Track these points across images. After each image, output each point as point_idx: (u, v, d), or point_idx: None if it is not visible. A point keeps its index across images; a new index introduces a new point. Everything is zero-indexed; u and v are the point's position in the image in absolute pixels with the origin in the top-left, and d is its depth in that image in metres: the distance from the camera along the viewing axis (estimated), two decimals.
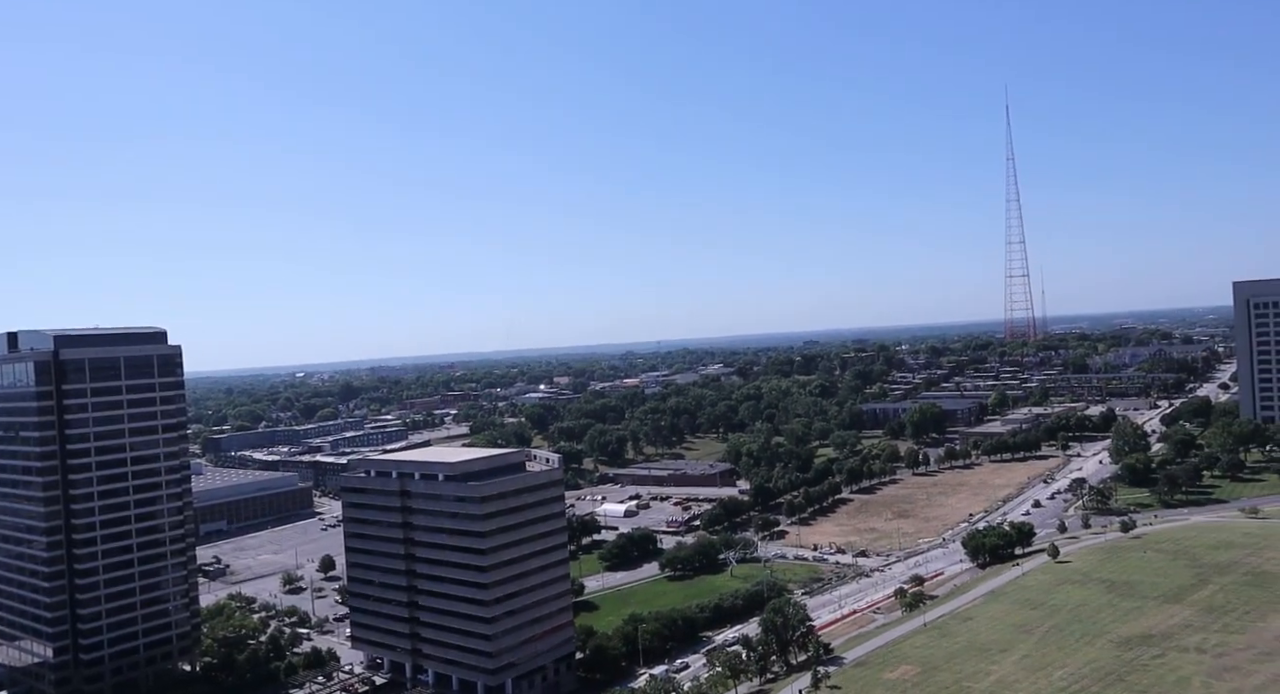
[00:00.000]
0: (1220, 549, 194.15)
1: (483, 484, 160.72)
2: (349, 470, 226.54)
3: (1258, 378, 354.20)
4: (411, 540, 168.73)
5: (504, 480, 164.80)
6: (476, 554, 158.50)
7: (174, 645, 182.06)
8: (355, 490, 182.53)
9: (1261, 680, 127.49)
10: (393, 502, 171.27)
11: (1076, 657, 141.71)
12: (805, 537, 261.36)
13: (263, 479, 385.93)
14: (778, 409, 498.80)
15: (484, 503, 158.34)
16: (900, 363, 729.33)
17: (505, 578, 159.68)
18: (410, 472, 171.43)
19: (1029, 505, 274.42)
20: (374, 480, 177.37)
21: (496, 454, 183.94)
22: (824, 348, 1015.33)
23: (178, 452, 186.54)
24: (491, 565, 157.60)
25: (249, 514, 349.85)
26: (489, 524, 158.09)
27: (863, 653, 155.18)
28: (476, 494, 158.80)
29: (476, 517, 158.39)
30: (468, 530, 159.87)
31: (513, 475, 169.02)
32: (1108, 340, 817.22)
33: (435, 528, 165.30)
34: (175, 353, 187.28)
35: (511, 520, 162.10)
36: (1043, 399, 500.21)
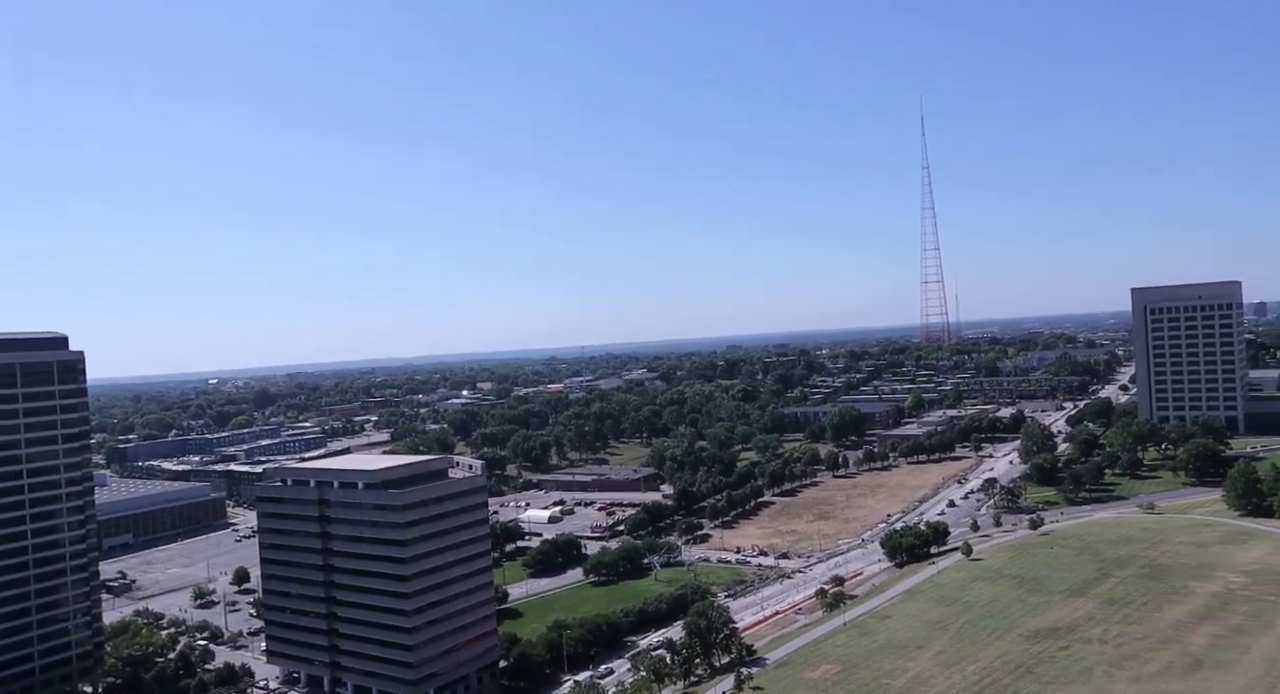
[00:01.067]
0: (1120, 544, 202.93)
1: (404, 492, 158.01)
2: (265, 479, 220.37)
3: (1154, 380, 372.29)
4: (330, 550, 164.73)
5: (426, 488, 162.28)
6: (398, 563, 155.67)
7: (74, 666, 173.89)
8: (271, 500, 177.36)
9: (1157, 668, 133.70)
10: (311, 511, 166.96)
11: (989, 651, 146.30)
12: (728, 539, 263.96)
13: (172, 490, 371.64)
14: (701, 413, 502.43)
15: (405, 511, 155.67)
16: (821, 367, 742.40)
17: (427, 587, 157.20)
18: (329, 480, 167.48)
19: (944, 505, 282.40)
20: (291, 489, 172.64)
21: (418, 461, 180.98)
22: (747, 352, 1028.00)
23: (79, 462, 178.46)
24: (413, 574, 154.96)
25: (157, 526, 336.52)
26: (410, 532, 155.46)
27: (785, 653, 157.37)
28: (397, 502, 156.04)
29: (398, 525, 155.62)
30: (389, 539, 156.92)
31: (435, 483, 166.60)
32: (1017, 345, 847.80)
33: (355, 537, 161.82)
34: (77, 359, 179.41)
35: (433, 528, 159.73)
36: (957, 402, 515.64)
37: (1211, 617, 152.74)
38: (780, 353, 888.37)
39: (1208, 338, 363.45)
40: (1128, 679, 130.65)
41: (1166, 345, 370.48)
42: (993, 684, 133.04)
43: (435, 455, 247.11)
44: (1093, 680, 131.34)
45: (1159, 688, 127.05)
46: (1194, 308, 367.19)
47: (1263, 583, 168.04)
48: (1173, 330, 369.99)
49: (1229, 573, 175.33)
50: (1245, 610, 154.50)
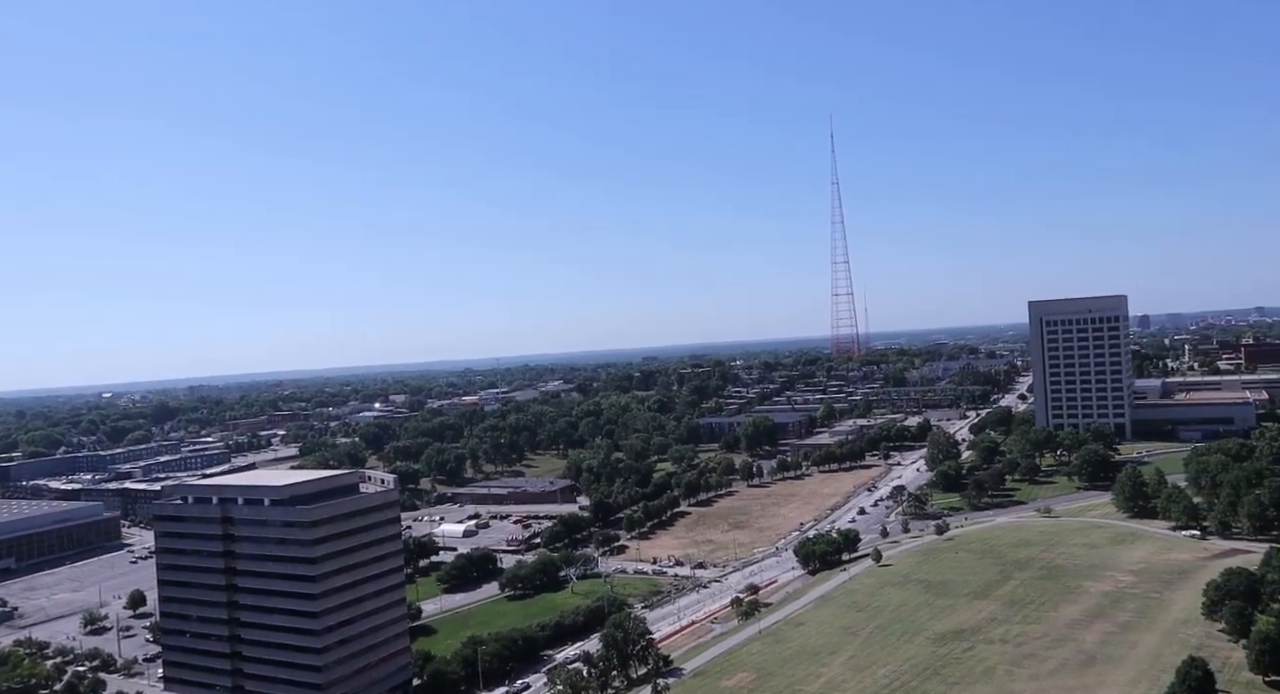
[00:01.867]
0: (1020, 547, 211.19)
1: (313, 508, 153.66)
2: (163, 497, 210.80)
3: (1049, 389, 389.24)
4: (234, 570, 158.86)
5: (336, 503, 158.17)
6: (306, 582, 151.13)
7: None
8: (170, 518, 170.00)
9: (1054, 665, 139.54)
10: (213, 529, 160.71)
11: (898, 654, 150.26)
12: (645, 550, 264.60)
13: (60, 510, 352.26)
14: (617, 425, 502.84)
15: (314, 528, 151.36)
16: (735, 378, 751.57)
17: (337, 605, 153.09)
18: (233, 496, 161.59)
19: (855, 513, 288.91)
20: (192, 507, 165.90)
21: (328, 476, 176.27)
22: (663, 364, 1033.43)
23: None
24: (322, 593, 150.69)
25: (44, 549, 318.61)
26: (319, 549, 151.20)
27: (701, 663, 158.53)
28: (306, 518, 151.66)
29: (306, 542, 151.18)
30: (297, 557, 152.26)
31: (345, 498, 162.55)
32: (924, 355, 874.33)
33: (261, 555, 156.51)
34: None
35: (344, 545, 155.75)
36: (866, 411, 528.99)
37: (1103, 615, 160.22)
38: (696, 364, 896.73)
39: (1098, 349, 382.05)
40: (1027, 677, 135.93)
41: (1061, 356, 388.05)
42: (901, 687, 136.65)
43: (346, 470, 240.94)
44: (995, 680, 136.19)
45: (1056, 684, 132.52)
46: (1085, 320, 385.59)
47: (1148, 581, 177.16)
48: (1066, 341, 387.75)
49: (1118, 572, 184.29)
50: (1133, 607, 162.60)
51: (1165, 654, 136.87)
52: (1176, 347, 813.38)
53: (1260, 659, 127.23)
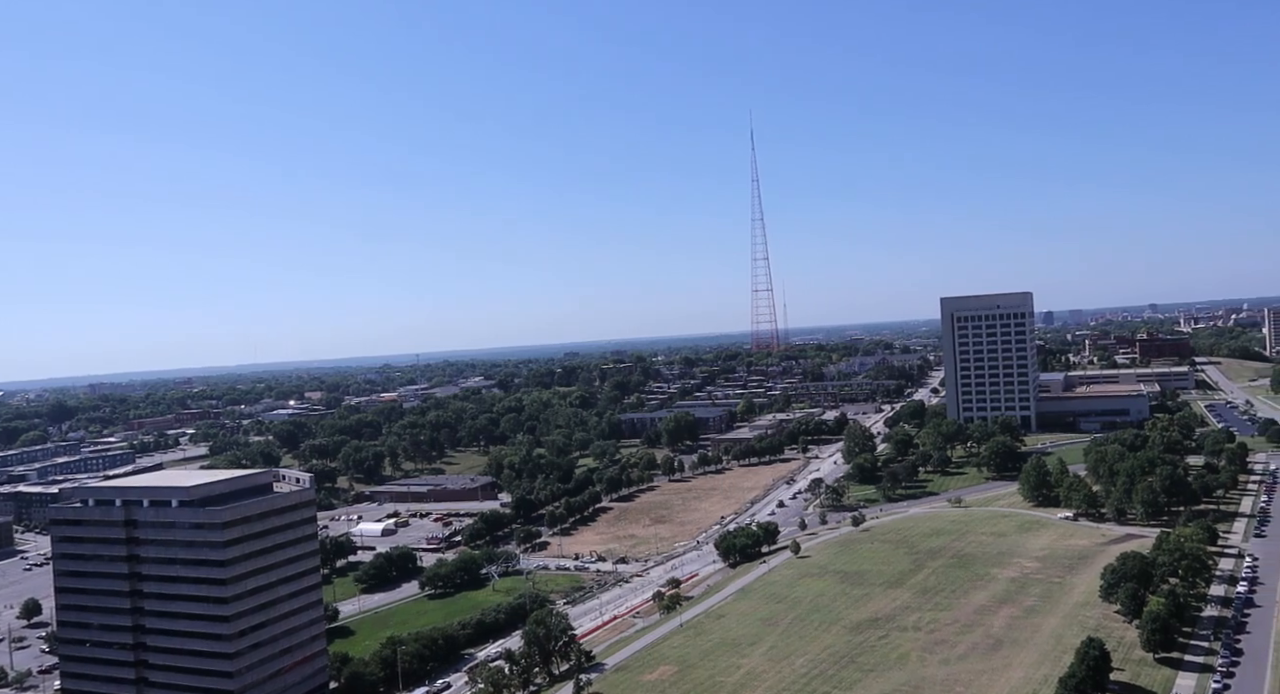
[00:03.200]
0: (933, 536, 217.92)
1: (224, 509, 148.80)
2: (61, 500, 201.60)
3: (960, 383, 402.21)
4: (139, 575, 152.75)
5: (248, 504, 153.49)
6: (217, 586, 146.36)
7: None
8: (69, 522, 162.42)
9: (964, 649, 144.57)
10: (116, 533, 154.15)
11: (815, 644, 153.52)
12: (567, 546, 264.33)
13: None
14: (539, 421, 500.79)
15: (225, 529, 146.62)
16: (657, 373, 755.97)
17: (249, 609, 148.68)
18: (137, 499, 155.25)
19: (774, 506, 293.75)
20: (93, 510, 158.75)
21: (240, 476, 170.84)
22: (584, 359, 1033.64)
23: None
24: (234, 596, 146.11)
25: None
26: (231, 552, 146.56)
27: (624, 657, 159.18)
28: (216, 520, 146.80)
29: (217, 544, 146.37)
30: (207, 560, 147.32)
31: (258, 498, 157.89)
32: (841, 351, 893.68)
33: (168, 559, 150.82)
34: None
35: (257, 546, 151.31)
36: (785, 406, 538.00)
37: (1010, 600, 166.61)
38: (617, 360, 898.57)
39: (1005, 344, 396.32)
40: (939, 662, 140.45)
41: (971, 351, 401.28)
42: (819, 675, 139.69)
43: (259, 470, 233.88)
44: (908, 665, 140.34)
45: (965, 668, 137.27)
46: (994, 317, 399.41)
47: (1051, 567, 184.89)
48: (976, 337, 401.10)
49: (1024, 559, 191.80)
50: (1037, 592, 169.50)
51: (1066, 636, 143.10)
52: (1078, 342, 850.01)
53: (1151, 638, 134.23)
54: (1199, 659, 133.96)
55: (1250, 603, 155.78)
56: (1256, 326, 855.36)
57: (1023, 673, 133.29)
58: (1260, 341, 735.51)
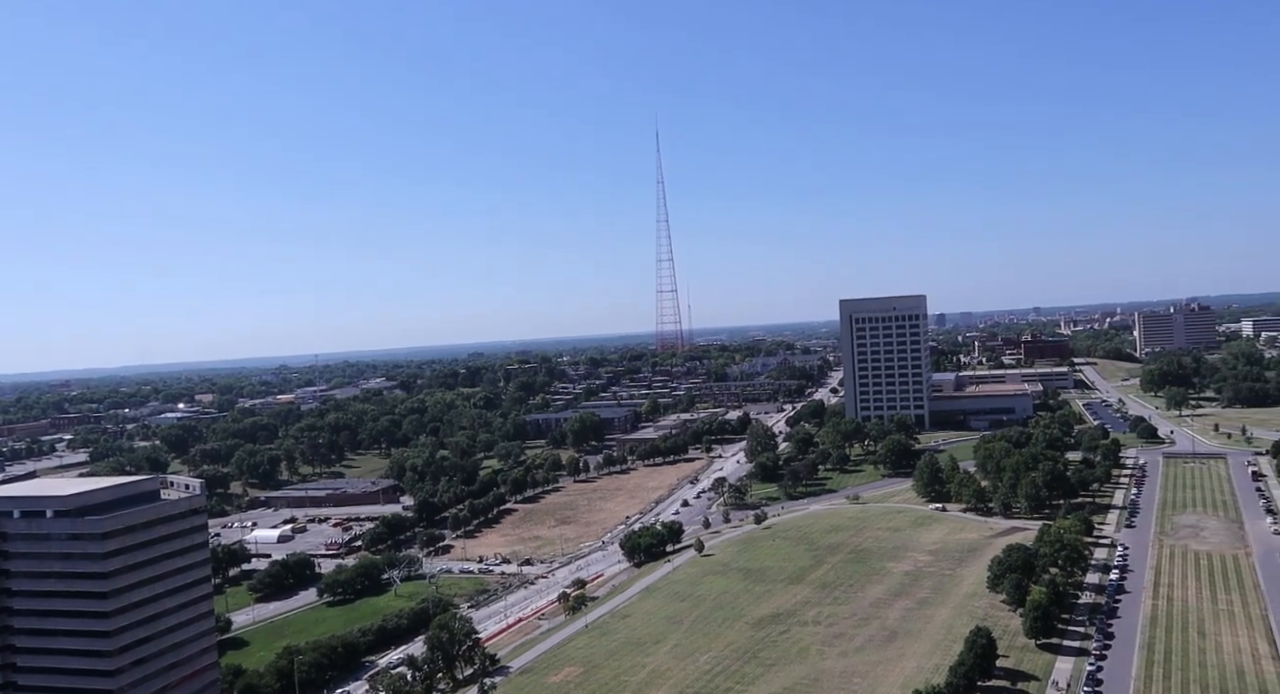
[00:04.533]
0: (832, 533, 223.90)
1: (104, 519, 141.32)
2: None
3: (858, 383, 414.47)
4: (8, 591, 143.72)
5: (132, 512, 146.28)
6: (96, 599, 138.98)
7: None
8: None
9: (861, 642, 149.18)
10: None
11: (719, 641, 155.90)
12: (471, 549, 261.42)
13: None
14: (443, 422, 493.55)
15: (106, 540, 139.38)
16: (562, 374, 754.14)
17: (133, 623, 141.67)
18: (7, 510, 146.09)
19: (679, 505, 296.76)
20: None
21: (123, 483, 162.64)
22: (489, 360, 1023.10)
23: None
24: (116, 610, 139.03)
25: None
26: (112, 564, 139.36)
27: (529, 659, 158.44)
28: (96, 530, 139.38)
29: (97, 556, 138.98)
30: (86, 573, 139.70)
31: (143, 506, 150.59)
32: (744, 351, 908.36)
33: (43, 573, 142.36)
34: None
35: (141, 557, 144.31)
36: (690, 405, 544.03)
37: (904, 593, 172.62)
38: (522, 360, 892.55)
39: (900, 345, 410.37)
40: (837, 655, 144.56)
41: (868, 352, 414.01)
42: (723, 671, 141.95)
43: (145, 476, 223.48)
44: (808, 659, 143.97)
45: (862, 659, 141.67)
46: (890, 318, 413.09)
47: (943, 560, 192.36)
48: (873, 338, 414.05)
49: (918, 553, 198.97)
50: (930, 585, 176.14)
51: (956, 625, 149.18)
52: (968, 343, 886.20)
53: (1033, 625, 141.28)
54: (1076, 644, 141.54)
55: (1121, 589, 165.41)
56: (1129, 329, 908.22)
57: (916, 662, 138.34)
58: (1132, 343, 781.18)
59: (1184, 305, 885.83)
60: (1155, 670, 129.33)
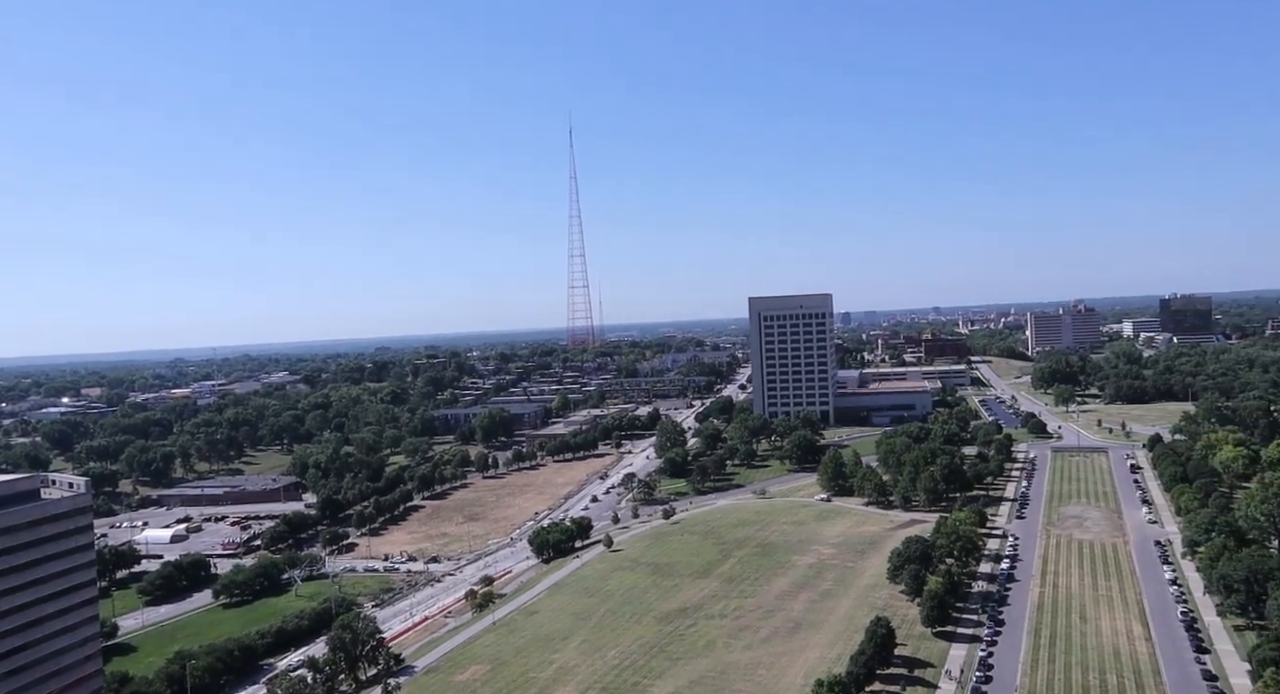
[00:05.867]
0: (739, 527, 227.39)
1: None
2: None
3: (766, 379, 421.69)
4: None
5: (7, 514, 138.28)
6: None
7: None
8: None
9: (766, 634, 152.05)
10: None
11: (627, 636, 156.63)
12: (376, 547, 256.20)
13: None
14: (348, 418, 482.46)
15: None
16: (471, 369, 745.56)
17: (7, 631, 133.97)
18: None
19: (588, 501, 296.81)
20: None
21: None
22: (397, 354, 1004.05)
23: None
24: None
25: None
26: None
27: (434, 659, 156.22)
28: None
29: None
30: None
31: (20, 507, 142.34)
32: (654, 348, 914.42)
33: None
34: None
35: (17, 560, 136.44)
36: (600, 401, 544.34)
37: (808, 585, 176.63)
38: (431, 355, 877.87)
39: (807, 342, 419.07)
40: (743, 647, 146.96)
41: (776, 348, 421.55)
42: (630, 666, 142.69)
43: (23, 474, 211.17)
44: (715, 652, 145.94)
45: (767, 651, 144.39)
46: (797, 316, 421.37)
47: (845, 552, 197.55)
48: (781, 336, 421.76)
49: (821, 546, 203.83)
50: (832, 577, 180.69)
51: (857, 616, 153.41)
52: (871, 341, 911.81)
53: (930, 614, 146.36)
54: (969, 631, 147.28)
55: (1012, 578, 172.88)
56: (1021, 329, 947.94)
57: (818, 652, 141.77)
58: (1024, 343, 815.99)
59: (1071, 307, 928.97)
60: (1041, 654, 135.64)
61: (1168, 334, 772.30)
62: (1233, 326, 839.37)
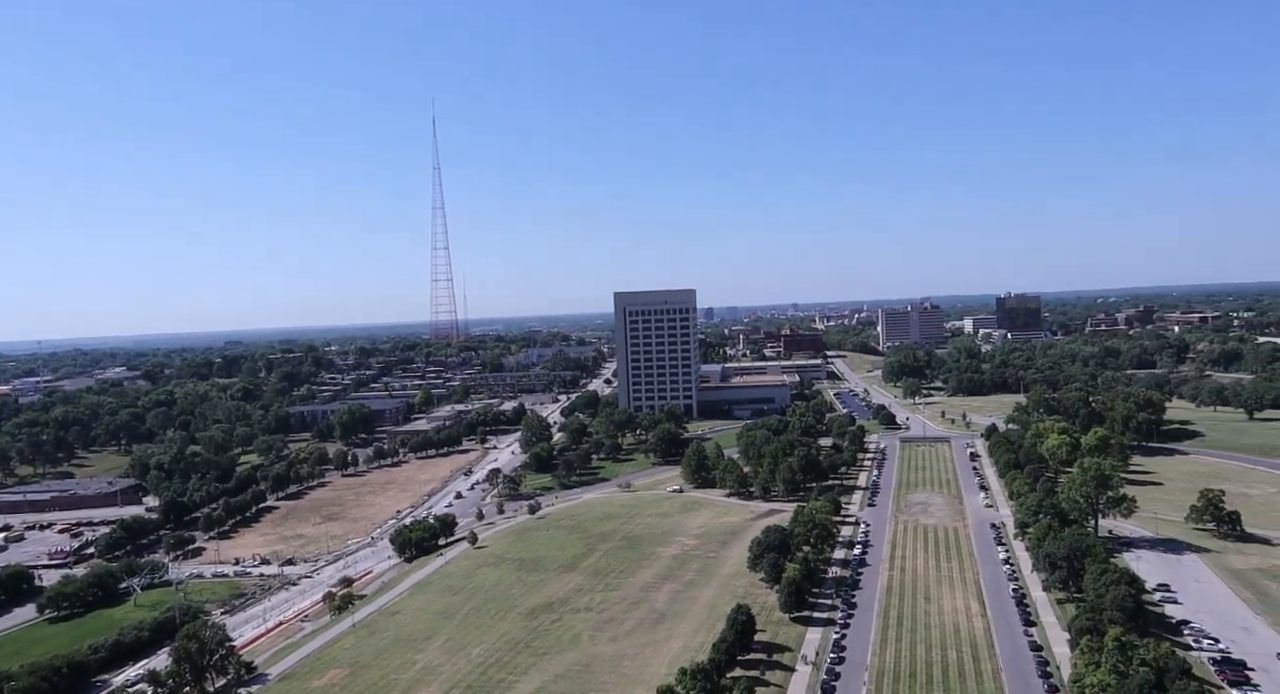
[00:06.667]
0: (604, 520, 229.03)
1: None
2: None
3: (631, 374, 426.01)
4: None
5: None
6: None
7: None
8: None
9: (631, 626, 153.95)
10: None
11: (492, 632, 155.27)
12: (226, 551, 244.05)
13: None
14: (195, 415, 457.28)
15: None
16: (330, 364, 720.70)
17: None
18: None
19: (452, 497, 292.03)
20: None
21: None
22: (248, 349, 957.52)
23: None
24: None
25: None
26: None
27: (290, 664, 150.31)
28: None
29: None
30: None
31: None
32: (520, 342, 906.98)
33: None
34: None
35: None
36: (464, 396, 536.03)
37: (672, 576, 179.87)
38: (286, 349, 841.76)
39: (671, 337, 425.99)
40: (608, 639, 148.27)
41: (641, 343, 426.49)
42: (495, 663, 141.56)
43: None
44: (580, 646, 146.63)
45: (632, 642, 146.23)
46: (661, 311, 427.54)
47: (708, 543, 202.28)
48: (646, 330, 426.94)
49: (685, 537, 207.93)
50: (695, 567, 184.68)
51: (720, 604, 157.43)
52: (734, 336, 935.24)
53: (788, 600, 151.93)
54: (824, 615, 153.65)
55: (864, 563, 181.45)
56: (874, 325, 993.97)
57: (682, 642, 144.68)
58: (876, 338, 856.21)
59: (919, 304, 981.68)
60: (890, 634, 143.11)
61: (1003, 330, 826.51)
62: (1059, 324, 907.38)
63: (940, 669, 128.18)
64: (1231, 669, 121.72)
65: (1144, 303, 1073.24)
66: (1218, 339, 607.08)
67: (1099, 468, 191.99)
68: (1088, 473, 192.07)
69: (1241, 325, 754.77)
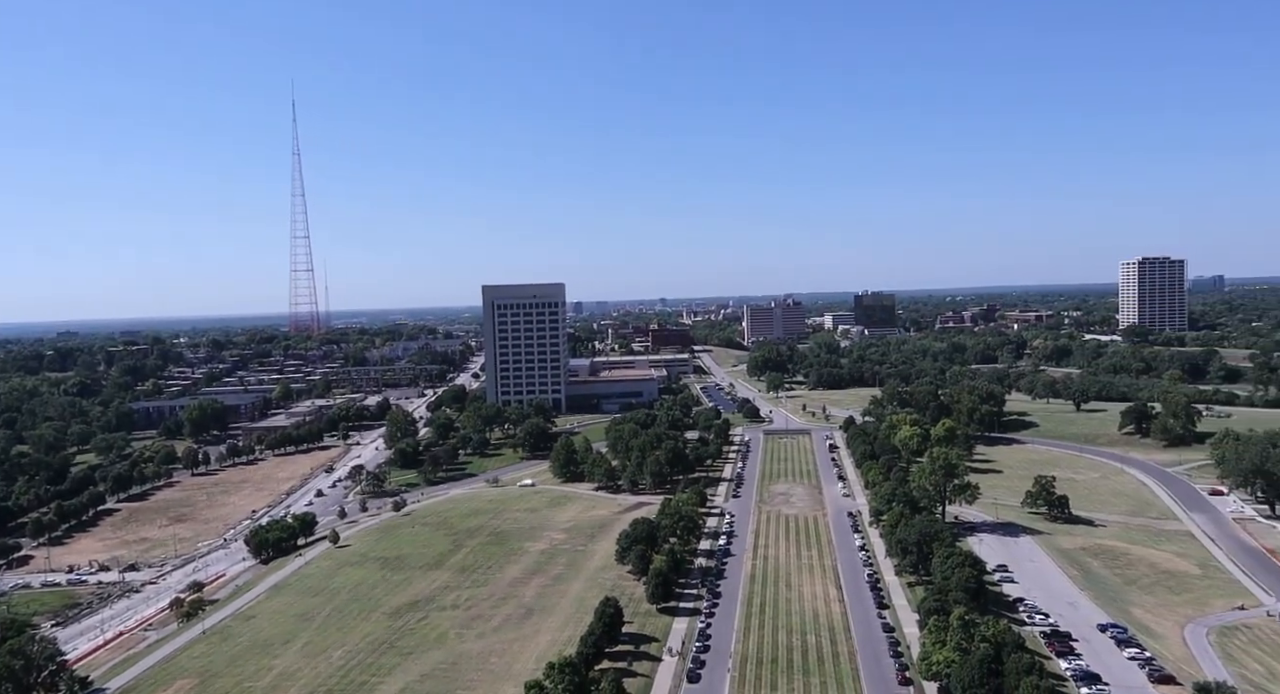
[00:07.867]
0: (471, 516, 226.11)
1: None
2: None
3: (499, 367, 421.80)
4: None
5: None
6: None
7: None
8: None
9: (499, 622, 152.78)
10: None
11: (355, 634, 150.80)
12: (59, 558, 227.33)
13: None
14: (22, 412, 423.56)
15: None
16: (179, 357, 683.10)
17: None
18: None
19: (312, 495, 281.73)
20: None
21: None
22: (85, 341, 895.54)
23: None
24: None
25: None
26: None
27: (131, 678, 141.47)
28: None
29: None
30: None
31: None
32: (384, 335, 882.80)
33: None
34: None
35: None
36: (325, 391, 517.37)
37: (540, 571, 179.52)
38: (129, 342, 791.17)
39: (540, 331, 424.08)
40: (475, 636, 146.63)
41: (510, 337, 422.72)
42: (358, 665, 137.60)
43: None
44: (447, 643, 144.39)
45: (500, 639, 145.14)
46: (530, 305, 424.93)
47: (576, 537, 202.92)
48: (514, 324, 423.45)
49: (553, 531, 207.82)
50: (564, 561, 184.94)
51: (588, 597, 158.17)
52: (602, 331, 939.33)
53: (655, 592, 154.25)
54: (690, 605, 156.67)
55: (728, 553, 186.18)
56: (739, 321, 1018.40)
57: (550, 636, 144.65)
58: (741, 333, 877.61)
59: (782, 301, 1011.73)
60: (753, 622, 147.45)
61: (861, 327, 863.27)
62: (912, 321, 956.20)
63: (800, 654, 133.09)
64: (1059, 641, 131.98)
65: (987, 302, 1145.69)
66: (1050, 336, 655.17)
67: (946, 458, 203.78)
68: (936, 462, 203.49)
69: (1071, 324, 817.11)
